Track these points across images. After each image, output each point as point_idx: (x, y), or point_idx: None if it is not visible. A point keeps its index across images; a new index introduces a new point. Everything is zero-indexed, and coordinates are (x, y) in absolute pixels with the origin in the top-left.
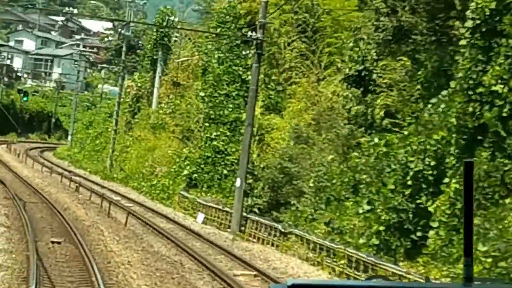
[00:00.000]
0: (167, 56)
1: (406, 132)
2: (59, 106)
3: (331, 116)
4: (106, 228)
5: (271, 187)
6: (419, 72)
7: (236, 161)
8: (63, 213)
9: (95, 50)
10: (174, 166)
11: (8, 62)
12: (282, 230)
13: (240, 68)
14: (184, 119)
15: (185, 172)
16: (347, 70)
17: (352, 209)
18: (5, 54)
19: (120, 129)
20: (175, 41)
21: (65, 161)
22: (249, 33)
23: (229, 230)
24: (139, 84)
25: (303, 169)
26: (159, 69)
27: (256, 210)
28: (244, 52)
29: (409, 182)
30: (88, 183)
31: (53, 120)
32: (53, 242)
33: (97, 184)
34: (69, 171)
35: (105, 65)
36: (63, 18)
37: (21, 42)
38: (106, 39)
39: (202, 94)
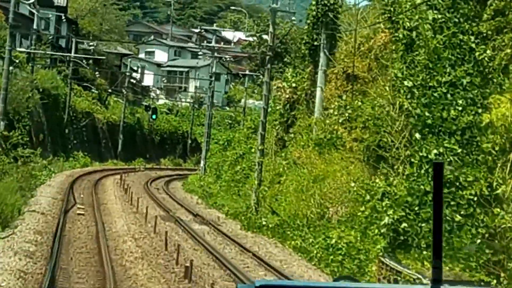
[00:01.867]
0: (332, 40)
1: None
2: (196, 125)
3: None
4: None
5: None
6: None
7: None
8: None
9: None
10: (362, 208)
11: (135, 75)
12: None
13: (471, 38)
14: (370, 130)
15: (385, 219)
16: None
17: None
18: (135, 67)
19: (268, 149)
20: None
21: (195, 195)
22: None
23: None
24: (293, 85)
25: None
26: (322, 60)
27: None
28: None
29: None
30: (220, 238)
31: (189, 141)
32: None
33: (236, 243)
34: (195, 214)
35: (248, 73)
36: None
37: (152, 53)
38: (249, 47)
39: (407, 84)
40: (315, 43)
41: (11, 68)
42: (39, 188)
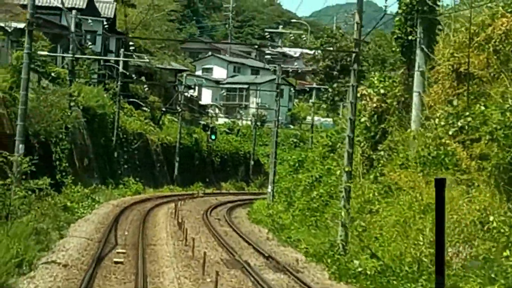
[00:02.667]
0: (431, 33)
1: None
2: (258, 145)
3: None
4: None
5: None
6: None
7: None
8: None
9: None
10: (506, 253)
11: (191, 92)
12: None
13: None
14: (500, 143)
15: None
16: None
17: None
18: (191, 84)
19: (355, 170)
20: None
21: (263, 227)
22: None
23: None
24: (381, 91)
25: None
26: (419, 58)
27: None
28: None
29: None
30: None
31: (252, 162)
32: None
33: None
34: (267, 256)
35: (316, 86)
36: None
37: (209, 70)
38: (313, 61)
39: None
40: (410, 37)
41: (46, 82)
42: (74, 225)
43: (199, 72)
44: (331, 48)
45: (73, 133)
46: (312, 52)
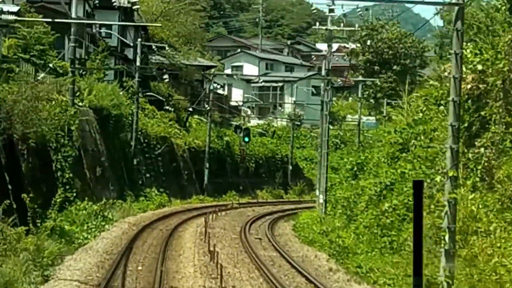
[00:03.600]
0: None
1: None
2: (295, 148)
3: None
4: None
5: None
6: None
7: None
8: None
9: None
10: None
11: (221, 90)
12: None
13: None
14: None
15: None
16: None
17: None
18: (221, 83)
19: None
20: None
21: (319, 250)
22: None
23: None
24: (478, 67)
25: None
26: None
27: None
28: None
29: None
30: None
31: (290, 167)
32: None
33: None
34: None
35: (362, 79)
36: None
37: (239, 68)
38: (352, 55)
39: None
40: None
41: (43, 75)
42: (71, 257)
43: (228, 71)
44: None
45: (83, 137)
46: (349, 46)
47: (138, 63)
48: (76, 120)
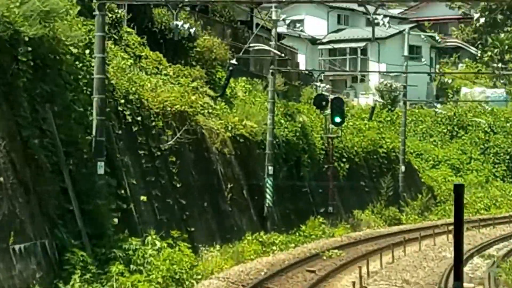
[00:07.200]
0: None
1: None
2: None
3: None
4: None
5: None
6: None
7: None
8: None
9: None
10: None
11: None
12: None
13: None
14: None
15: None
16: None
17: None
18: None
19: None
20: None
21: None
22: None
23: None
24: None
25: None
26: None
27: None
28: None
29: None
30: None
31: (402, 168)
32: None
33: None
34: None
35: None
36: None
37: (300, 22)
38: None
39: None
40: None
41: None
42: None
43: (282, 29)
44: None
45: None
46: None
47: None
48: None
